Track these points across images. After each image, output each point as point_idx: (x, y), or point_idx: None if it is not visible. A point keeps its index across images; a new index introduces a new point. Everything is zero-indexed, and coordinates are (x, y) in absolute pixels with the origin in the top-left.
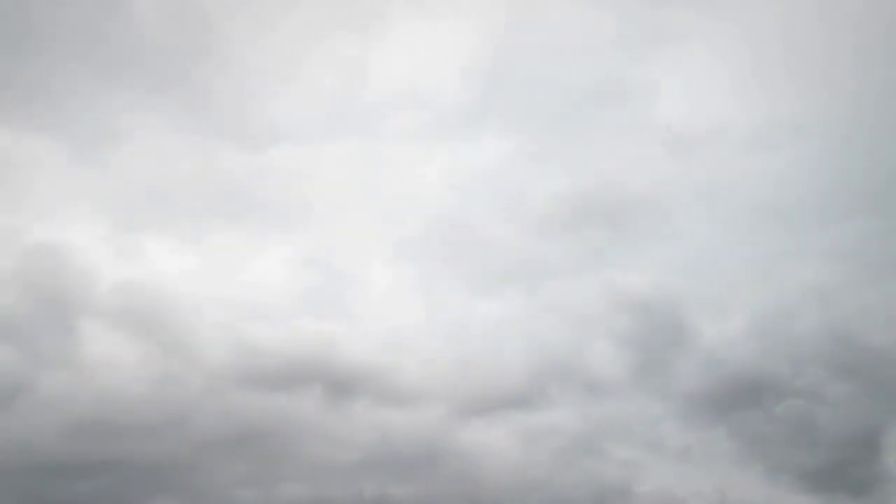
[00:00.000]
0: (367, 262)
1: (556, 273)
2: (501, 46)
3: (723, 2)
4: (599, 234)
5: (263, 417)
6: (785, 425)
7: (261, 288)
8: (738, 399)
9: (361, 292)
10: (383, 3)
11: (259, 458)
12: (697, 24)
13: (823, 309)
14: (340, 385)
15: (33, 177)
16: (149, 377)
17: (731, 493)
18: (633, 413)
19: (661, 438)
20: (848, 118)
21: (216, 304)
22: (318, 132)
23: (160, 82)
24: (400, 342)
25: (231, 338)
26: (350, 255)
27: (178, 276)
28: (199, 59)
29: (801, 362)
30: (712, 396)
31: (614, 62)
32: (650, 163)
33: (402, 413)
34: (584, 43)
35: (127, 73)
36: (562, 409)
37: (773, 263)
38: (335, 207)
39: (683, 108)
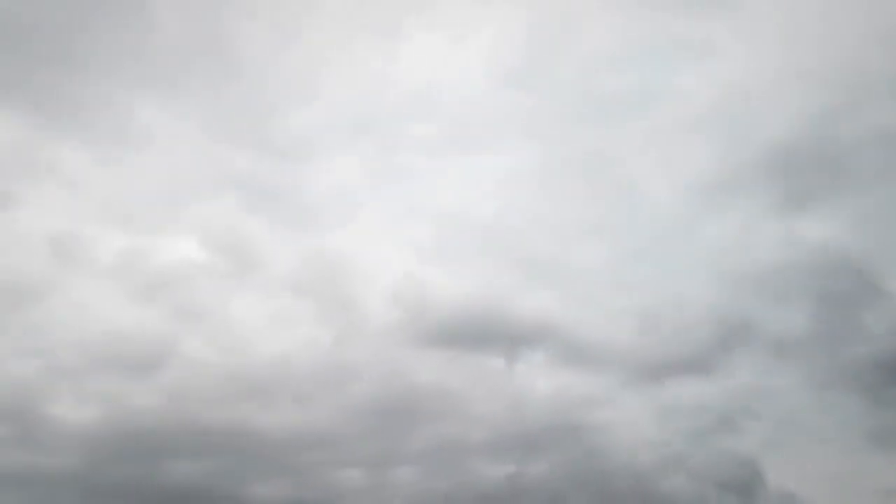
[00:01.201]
0: None
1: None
2: (522, 55)
3: (750, 10)
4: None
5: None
6: None
7: None
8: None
9: None
10: (403, 12)
11: (392, 434)
12: (723, 33)
13: None
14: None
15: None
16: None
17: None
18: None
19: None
20: None
21: None
22: (338, 140)
23: (181, 89)
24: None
25: None
26: None
27: None
28: (220, 65)
29: None
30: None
31: (640, 70)
32: None
33: (574, 375)
34: (608, 50)
35: (148, 78)
36: (734, 377)
37: None
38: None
39: None
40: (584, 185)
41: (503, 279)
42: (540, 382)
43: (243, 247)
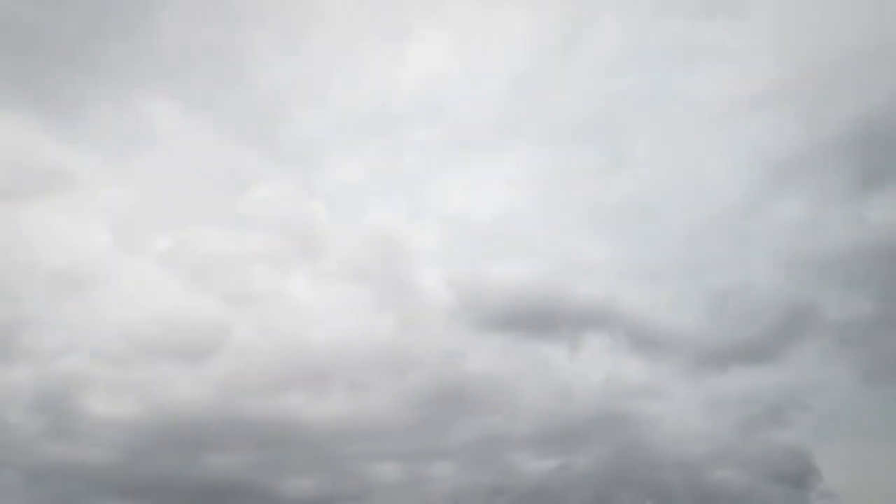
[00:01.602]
0: None
1: None
2: (530, 60)
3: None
4: None
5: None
6: None
7: None
8: None
9: None
10: (411, 16)
11: (435, 427)
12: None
13: None
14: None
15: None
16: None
17: None
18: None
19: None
20: None
21: None
22: (346, 143)
23: (192, 95)
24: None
25: None
26: None
27: None
28: (230, 71)
29: None
30: None
31: (646, 73)
32: None
33: (632, 362)
34: (615, 54)
35: (159, 84)
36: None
37: None
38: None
39: None
40: (632, 176)
41: (562, 264)
42: (594, 370)
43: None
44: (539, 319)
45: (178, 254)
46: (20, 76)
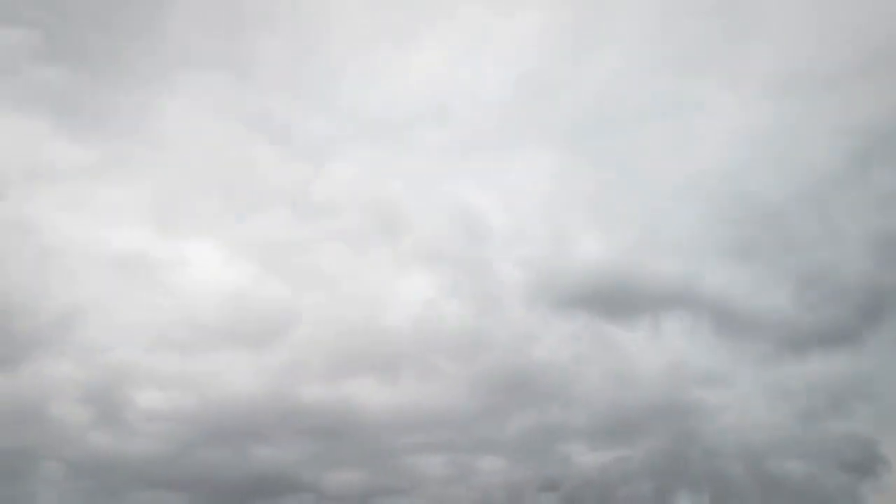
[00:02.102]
0: None
1: None
2: (538, 63)
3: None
4: None
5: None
6: None
7: None
8: None
9: None
10: (420, 20)
11: (489, 419)
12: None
13: None
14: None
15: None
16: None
17: None
18: None
19: None
20: None
21: None
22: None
23: (205, 94)
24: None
25: None
26: None
27: None
28: (241, 71)
29: None
30: None
31: (655, 81)
32: None
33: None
34: (622, 60)
35: (171, 84)
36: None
37: None
38: None
39: None
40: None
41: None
42: (664, 354)
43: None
44: (616, 301)
45: (242, 240)
46: (41, 80)
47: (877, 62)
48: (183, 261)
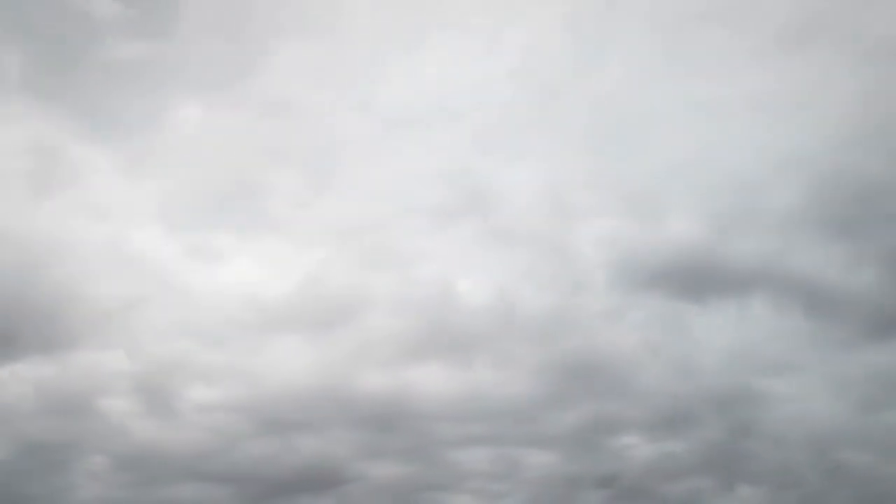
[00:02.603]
0: None
1: None
2: (541, 65)
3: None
4: None
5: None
6: None
7: None
8: None
9: None
10: (429, 23)
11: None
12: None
13: None
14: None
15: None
16: None
17: None
18: None
19: None
20: None
21: None
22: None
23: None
24: None
25: None
26: None
27: None
28: (248, 67)
29: None
30: None
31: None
32: None
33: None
34: (622, 65)
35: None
36: None
37: None
38: None
39: None
40: None
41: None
42: (732, 338)
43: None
44: (697, 281)
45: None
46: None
47: None
48: (240, 250)
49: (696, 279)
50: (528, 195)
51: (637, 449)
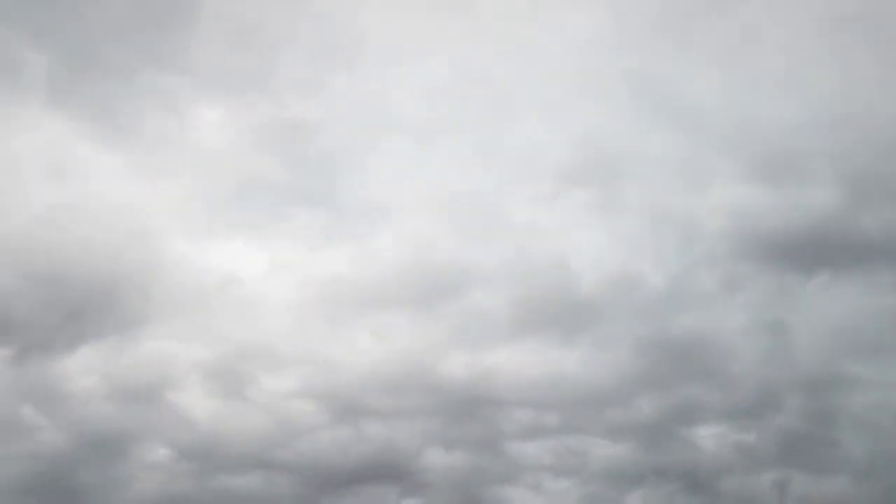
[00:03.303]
0: None
1: None
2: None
3: None
4: None
5: None
6: None
7: None
8: None
9: None
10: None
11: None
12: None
13: None
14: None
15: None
16: None
17: None
18: None
19: None
20: None
21: None
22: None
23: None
24: None
25: None
26: None
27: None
28: (257, 71)
29: None
30: None
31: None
32: None
33: None
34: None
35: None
36: None
37: None
38: None
39: None
40: None
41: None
42: (828, 315)
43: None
44: (821, 253)
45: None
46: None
47: None
48: (322, 230)
49: (822, 250)
50: (653, 163)
51: (714, 439)
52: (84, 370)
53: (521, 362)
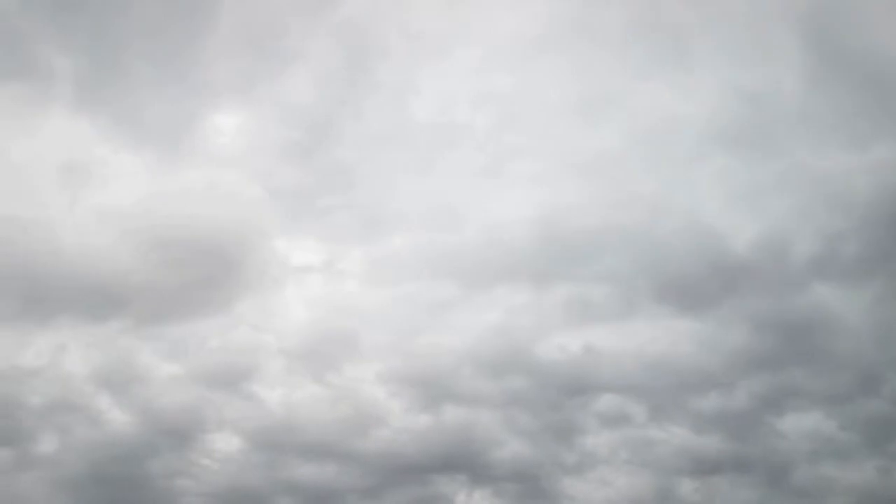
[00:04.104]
0: None
1: None
2: None
3: None
4: None
5: None
6: None
7: None
8: None
9: None
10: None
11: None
12: None
13: None
14: None
15: None
16: None
17: None
18: None
19: None
20: None
21: None
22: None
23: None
24: None
25: None
26: None
27: None
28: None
29: None
30: None
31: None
32: None
33: None
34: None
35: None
36: None
37: None
38: None
39: None
40: None
41: None
42: None
43: None
44: None
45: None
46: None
47: None
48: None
49: None
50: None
51: (803, 428)
52: (167, 354)
53: (624, 342)
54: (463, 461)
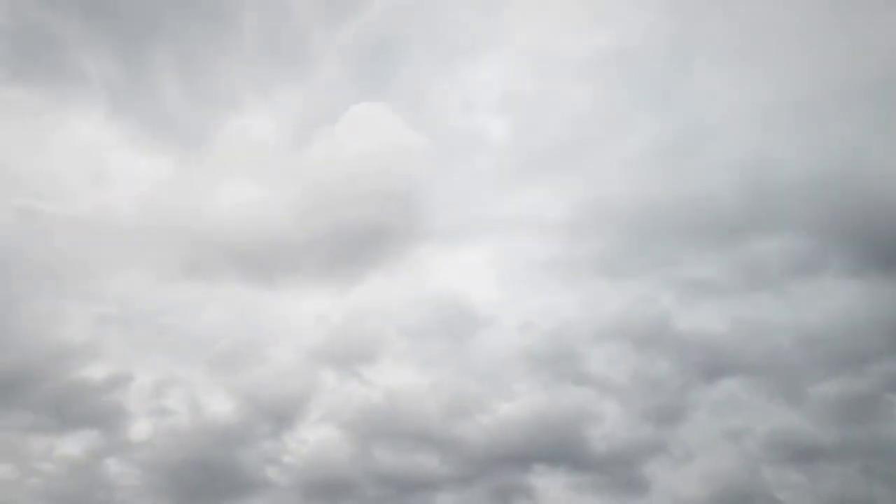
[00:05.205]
0: None
1: None
2: None
3: None
4: None
5: None
6: None
7: None
8: None
9: None
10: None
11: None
12: None
13: None
14: None
15: None
16: None
17: None
18: None
19: None
20: None
21: None
22: None
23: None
24: None
25: None
26: None
27: None
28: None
29: None
30: None
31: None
32: None
33: None
34: None
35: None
36: None
37: None
38: None
39: None
40: None
41: None
42: None
43: None
44: None
45: None
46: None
47: None
48: None
49: None
50: None
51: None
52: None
53: (772, 315)
54: (563, 449)
